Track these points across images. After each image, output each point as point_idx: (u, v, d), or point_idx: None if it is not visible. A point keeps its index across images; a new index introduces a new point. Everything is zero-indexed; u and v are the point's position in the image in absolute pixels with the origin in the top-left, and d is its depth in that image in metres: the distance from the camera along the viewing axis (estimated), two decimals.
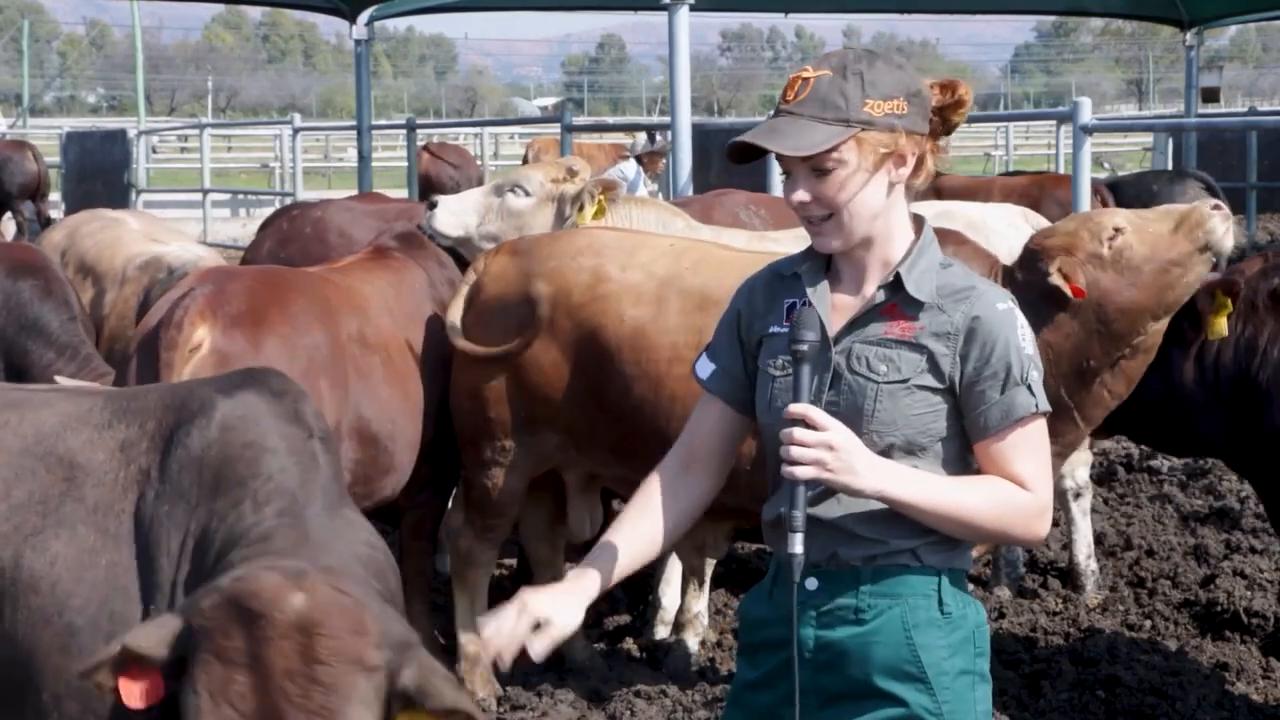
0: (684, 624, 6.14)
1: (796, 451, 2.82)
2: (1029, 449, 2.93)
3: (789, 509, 2.83)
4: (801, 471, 2.82)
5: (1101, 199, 10.17)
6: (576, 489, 5.86)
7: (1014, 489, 2.91)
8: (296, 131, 17.78)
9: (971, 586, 3.05)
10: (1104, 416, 5.40)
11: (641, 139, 14.00)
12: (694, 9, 10.10)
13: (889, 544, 2.91)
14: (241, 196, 27.34)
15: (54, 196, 21.47)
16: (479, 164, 24.21)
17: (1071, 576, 7.01)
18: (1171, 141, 19.38)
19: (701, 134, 13.66)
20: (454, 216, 6.52)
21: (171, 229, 9.00)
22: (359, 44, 13.93)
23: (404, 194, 14.54)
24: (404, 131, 16.52)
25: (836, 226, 2.92)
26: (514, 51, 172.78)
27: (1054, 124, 23.74)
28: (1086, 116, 8.89)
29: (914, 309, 2.93)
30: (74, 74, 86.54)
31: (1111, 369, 5.26)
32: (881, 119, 2.89)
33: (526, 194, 6.63)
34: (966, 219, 6.73)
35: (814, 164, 2.89)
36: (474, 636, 5.84)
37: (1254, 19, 19.65)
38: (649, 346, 5.41)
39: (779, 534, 2.95)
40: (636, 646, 6.32)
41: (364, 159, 14.25)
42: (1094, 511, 7.74)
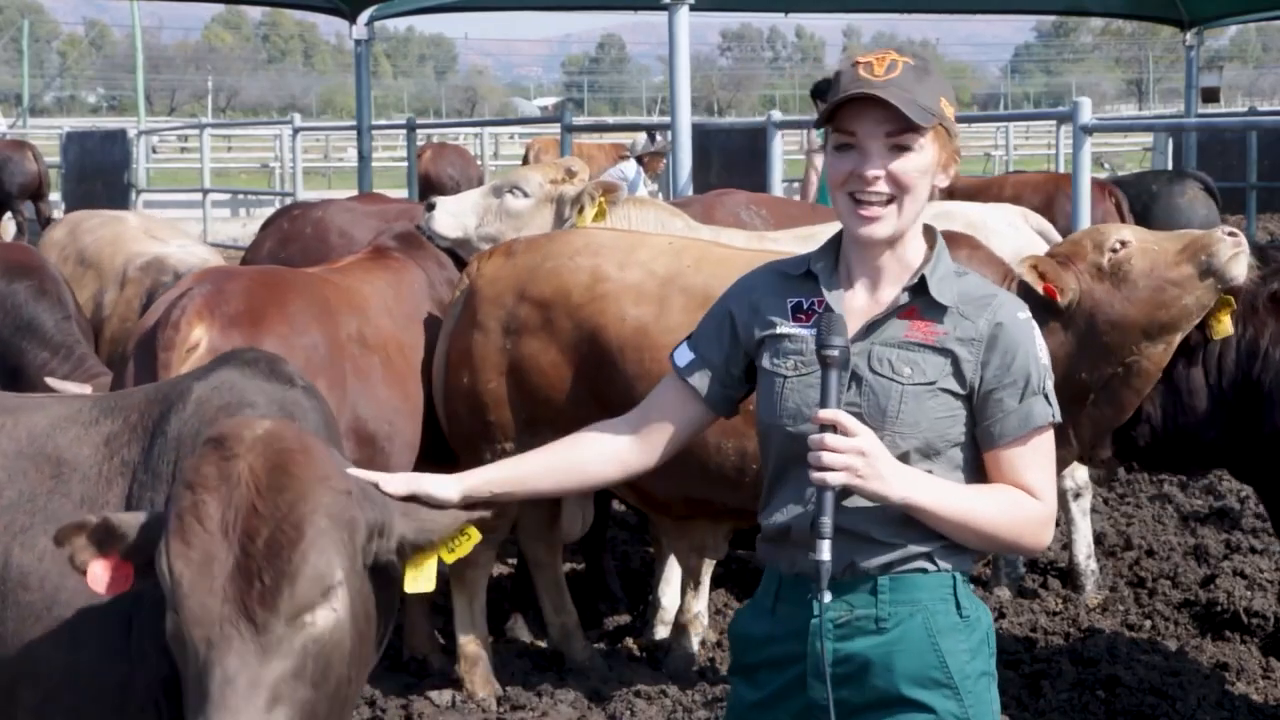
0: (684, 624, 6.13)
1: (828, 458, 2.78)
2: (1040, 459, 2.93)
3: (819, 515, 2.79)
4: (833, 477, 2.79)
5: (1116, 200, 10.12)
6: None
7: (1026, 498, 2.91)
8: (296, 131, 17.77)
9: (971, 586, 3.04)
10: (1093, 439, 5.39)
11: (641, 139, 13.97)
12: (694, 9, 10.10)
13: (906, 548, 2.89)
14: (241, 196, 27.34)
15: (54, 196, 21.45)
16: (479, 164, 24.20)
17: (1071, 576, 7.01)
18: (1171, 141, 19.36)
19: (701, 134, 13.65)
20: (452, 218, 6.51)
21: (174, 227, 9.00)
22: (359, 44, 13.92)
23: (404, 194, 14.54)
24: (404, 131, 16.52)
25: (895, 211, 2.90)
26: (514, 51, 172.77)
27: (1054, 124, 23.71)
28: (1086, 116, 8.87)
29: (935, 313, 2.91)
30: (74, 74, 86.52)
31: (1103, 389, 5.26)
32: (950, 121, 2.92)
33: (525, 195, 6.62)
34: (966, 219, 6.72)
35: (900, 140, 2.87)
36: (474, 636, 5.85)
37: (1254, 19, 19.61)
38: (652, 345, 5.40)
39: (787, 544, 2.93)
40: (636, 646, 6.32)
41: (364, 159, 14.24)
42: (1094, 511, 7.74)
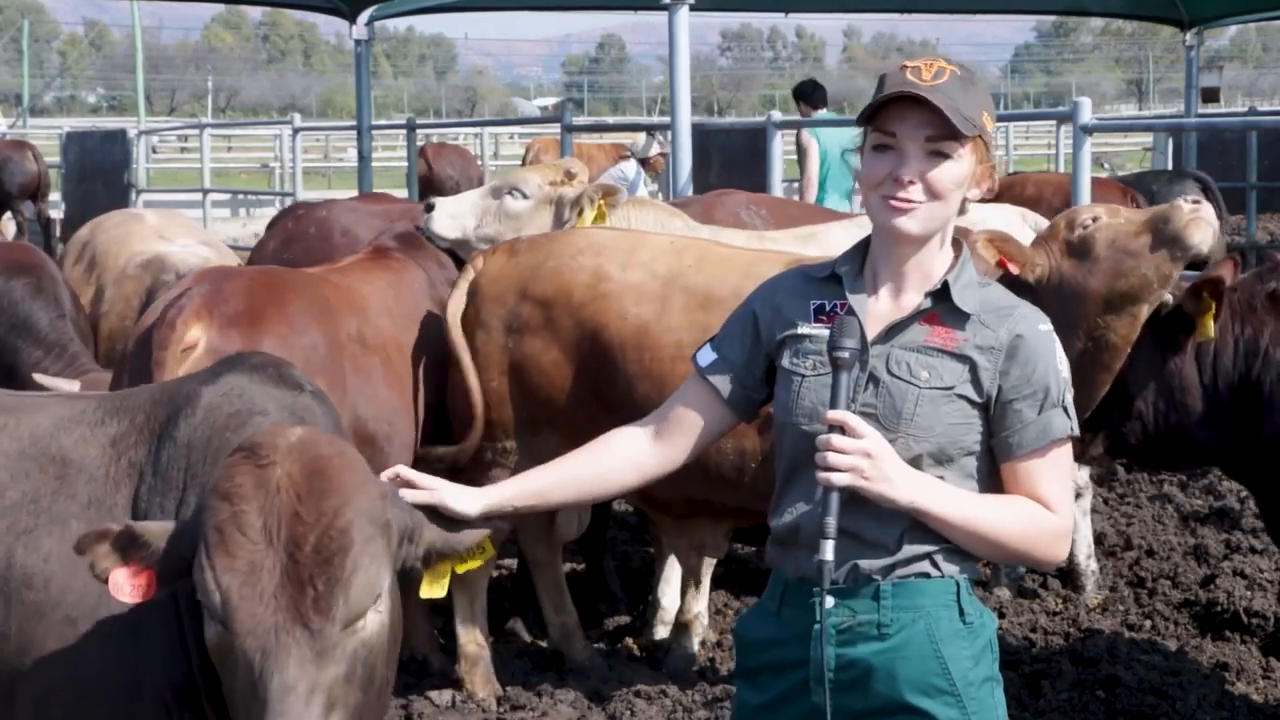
0: (684, 624, 6.13)
1: (834, 458, 2.79)
2: (1057, 471, 2.92)
3: (823, 515, 2.80)
4: (838, 478, 2.79)
5: (1132, 199, 10.09)
6: None
7: (1040, 510, 2.90)
8: (296, 131, 17.75)
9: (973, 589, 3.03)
10: None
11: (642, 139, 13.96)
12: (694, 9, 10.10)
13: (908, 551, 2.88)
14: (241, 196, 27.34)
15: (54, 196, 21.44)
16: (479, 164, 24.19)
17: (1071, 576, 7.01)
18: (1171, 141, 19.34)
19: (701, 134, 13.64)
20: (451, 219, 6.50)
21: (189, 226, 8.99)
22: (359, 44, 13.91)
23: (404, 194, 14.53)
24: (404, 131, 16.52)
25: (927, 213, 2.90)
26: (514, 51, 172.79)
27: (1054, 124, 23.73)
28: (1086, 116, 8.87)
29: (956, 320, 2.92)
30: (74, 74, 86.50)
31: (1075, 368, 5.25)
32: (989, 136, 2.92)
33: (524, 196, 6.61)
34: (965, 218, 6.71)
35: (940, 146, 2.87)
36: (474, 636, 5.84)
37: (1254, 19, 19.60)
38: (653, 345, 5.40)
39: (794, 546, 2.93)
40: (636, 646, 6.32)
41: (364, 159, 14.24)
42: (1094, 511, 7.74)
